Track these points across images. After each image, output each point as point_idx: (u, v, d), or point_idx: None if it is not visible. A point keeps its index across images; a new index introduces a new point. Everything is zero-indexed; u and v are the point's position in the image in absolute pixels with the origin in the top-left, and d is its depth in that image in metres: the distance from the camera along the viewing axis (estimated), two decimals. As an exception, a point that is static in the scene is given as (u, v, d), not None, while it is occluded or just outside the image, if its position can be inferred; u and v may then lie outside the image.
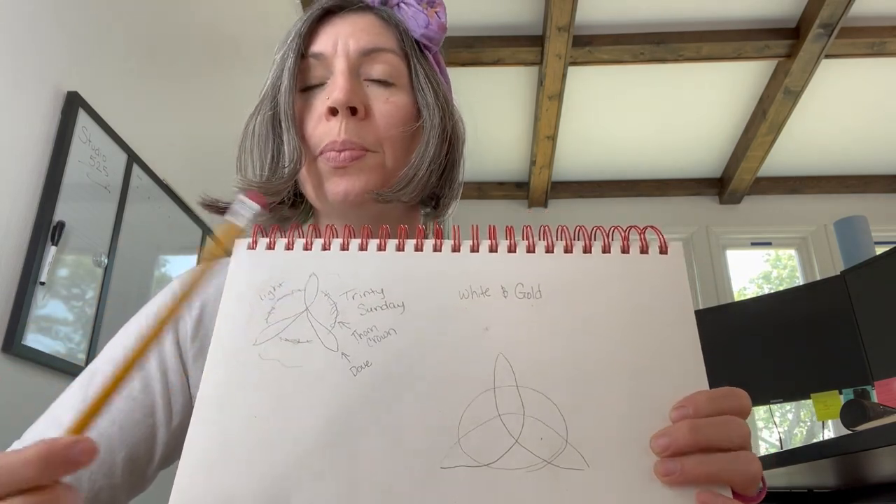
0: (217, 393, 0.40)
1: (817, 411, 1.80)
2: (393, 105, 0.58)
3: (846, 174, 3.80)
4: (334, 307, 0.42)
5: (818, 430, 2.21)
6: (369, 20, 0.61)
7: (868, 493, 1.52)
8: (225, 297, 0.44)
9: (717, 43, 2.97)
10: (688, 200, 3.88)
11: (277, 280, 0.44)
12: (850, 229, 2.10)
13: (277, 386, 0.40)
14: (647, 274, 0.43)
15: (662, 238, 0.44)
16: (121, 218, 1.61)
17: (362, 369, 0.40)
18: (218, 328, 0.42)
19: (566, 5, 2.73)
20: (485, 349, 0.40)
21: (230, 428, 0.39)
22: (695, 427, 0.36)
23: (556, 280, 0.42)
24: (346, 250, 0.44)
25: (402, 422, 0.39)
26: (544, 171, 3.68)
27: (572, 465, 0.37)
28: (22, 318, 1.25)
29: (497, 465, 0.37)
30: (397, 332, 0.41)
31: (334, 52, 0.58)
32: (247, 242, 0.46)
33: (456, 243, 0.44)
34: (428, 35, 0.62)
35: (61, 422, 0.51)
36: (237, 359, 0.41)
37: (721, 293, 3.61)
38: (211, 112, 2.15)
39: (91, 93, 1.49)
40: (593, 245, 0.44)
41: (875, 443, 1.04)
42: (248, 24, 2.46)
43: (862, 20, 2.90)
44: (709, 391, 0.38)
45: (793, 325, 1.90)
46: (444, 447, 0.38)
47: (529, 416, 0.38)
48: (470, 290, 0.42)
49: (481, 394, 0.39)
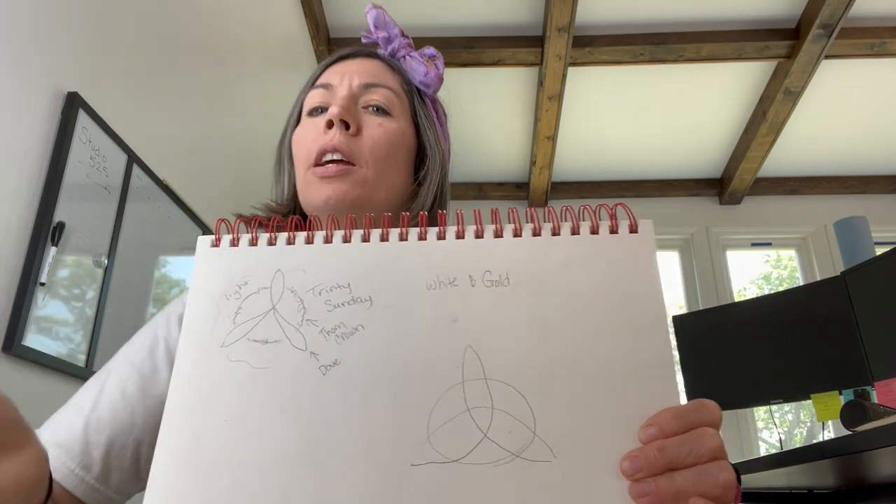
0: (187, 397, 0.40)
1: (817, 412, 1.80)
2: (383, 129, 0.65)
3: (846, 174, 3.80)
4: (301, 304, 0.42)
5: (818, 430, 2.21)
6: (375, 64, 0.70)
7: (868, 494, 1.52)
8: (191, 298, 0.43)
9: (717, 43, 2.98)
10: (688, 200, 3.88)
11: (243, 278, 0.43)
12: (850, 229, 2.10)
13: (247, 388, 0.40)
14: (617, 255, 0.41)
15: (632, 217, 0.42)
16: (121, 218, 1.61)
17: (331, 368, 0.40)
18: (185, 330, 0.42)
19: (566, 6, 2.73)
20: (453, 342, 0.40)
21: (201, 432, 0.39)
22: (663, 448, 0.36)
23: (525, 266, 0.42)
24: (311, 244, 0.44)
25: (372, 421, 0.38)
26: (544, 171, 3.68)
27: (540, 457, 0.37)
28: (22, 319, 1.25)
29: (466, 461, 0.37)
30: (365, 327, 0.41)
31: (340, 84, 0.67)
32: (210, 240, 0.45)
33: (422, 231, 0.43)
34: (426, 83, 0.71)
35: (80, 408, 0.56)
36: (206, 361, 0.41)
37: (721, 294, 3.61)
38: (211, 112, 2.15)
39: (91, 93, 1.49)
40: (562, 227, 0.43)
41: (875, 443, 1.04)
42: (248, 24, 2.46)
43: (862, 20, 2.90)
44: (676, 407, 0.38)
45: (793, 325, 1.90)
46: (413, 444, 0.38)
47: (498, 410, 0.38)
48: (437, 281, 0.42)
49: (450, 388, 0.39)
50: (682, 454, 0.36)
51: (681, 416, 0.37)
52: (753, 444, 3.34)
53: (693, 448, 0.36)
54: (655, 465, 0.36)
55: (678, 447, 0.36)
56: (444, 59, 0.74)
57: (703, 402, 0.38)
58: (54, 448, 0.53)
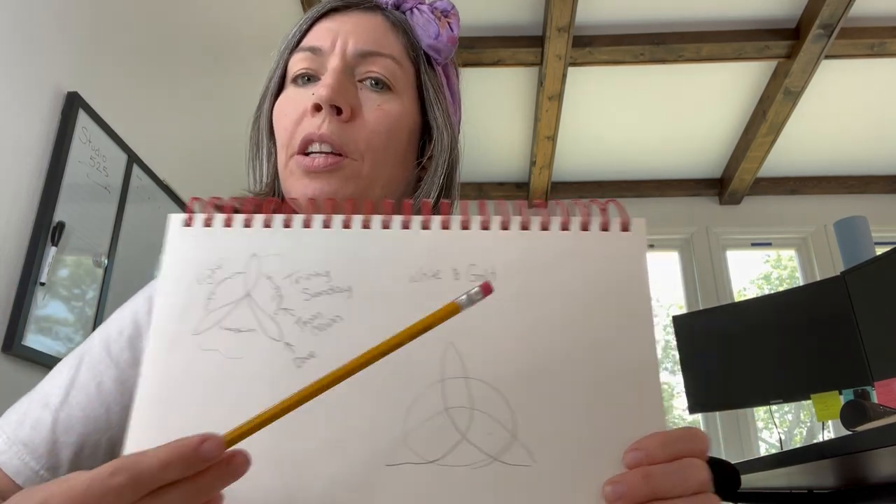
0: (157, 387, 0.38)
1: (817, 412, 1.80)
2: (383, 113, 0.55)
3: (846, 174, 3.80)
4: (277, 292, 0.40)
5: (818, 430, 2.21)
6: (376, 21, 0.58)
7: (868, 494, 1.52)
8: (162, 281, 0.40)
9: (717, 43, 2.97)
10: (688, 200, 3.88)
11: (216, 262, 0.40)
12: (850, 229, 2.10)
13: (218, 379, 0.38)
14: (607, 254, 0.40)
15: (625, 214, 0.41)
16: (121, 218, 1.61)
17: (306, 360, 0.38)
18: (156, 316, 0.40)
19: (566, 6, 2.73)
20: (434, 338, 0.37)
21: (170, 424, 0.37)
22: (648, 476, 0.34)
23: (512, 261, 0.40)
24: (289, 227, 0.41)
25: (346, 418, 0.37)
26: (544, 171, 3.68)
27: (518, 461, 0.36)
28: (22, 319, 1.25)
29: (442, 462, 0.36)
30: (343, 318, 0.39)
31: (331, 49, 0.55)
32: (182, 218, 0.42)
33: (406, 220, 0.41)
34: (436, 47, 0.59)
35: (48, 402, 0.51)
36: (176, 350, 0.39)
37: (721, 294, 3.61)
38: (211, 112, 2.15)
39: (91, 93, 1.49)
40: (552, 222, 0.40)
41: (875, 443, 1.04)
42: (248, 24, 2.46)
43: (862, 20, 2.90)
44: (664, 433, 0.36)
45: (793, 325, 1.90)
46: (389, 444, 0.36)
47: (477, 410, 0.37)
48: (420, 273, 0.39)
49: (429, 386, 0.37)
50: (667, 484, 0.34)
51: (669, 444, 0.35)
52: (753, 444, 3.34)
53: (680, 479, 0.34)
54: (639, 494, 0.34)
55: (664, 477, 0.34)
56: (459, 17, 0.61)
57: (692, 431, 0.37)
58: (18, 446, 0.48)
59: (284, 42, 0.60)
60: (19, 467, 0.48)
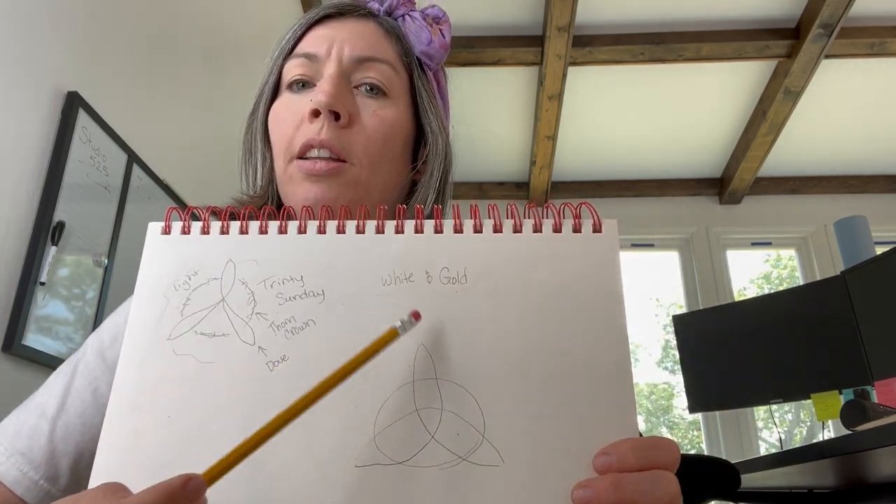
0: (130, 392, 0.38)
1: (817, 411, 1.80)
2: (379, 118, 0.55)
3: (846, 174, 3.80)
4: (251, 297, 0.40)
5: (818, 430, 2.21)
6: (370, 28, 0.59)
7: (868, 494, 1.52)
8: (139, 288, 0.41)
9: (717, 43, 2.97)
10: (688, 200, 3.88)
11: (192, 268, 0.41)
12: (850, 229, 2.10)
13: (192, 383, 0.38)
14: (579, 255, 0.40)
15: (597, 216, 0.41)
16: (121, 218, 1.61)
17: (279, 364, 0.39)
18: (131, 322, 0.40)
19: (566, 5, 2.73)
20: (406, 340, 0.38)
21: (143, 428, 0.38)
22: (618, 484, 0.34)
23: (484, 264, 0.40)
24: (265, 234, 0.42)
25: (317, 419, 0.37)
26: (544, 171, 3.68)
27: (487, 461, 0.36)
28: (22, 318, 1.25)
29: (411, 463, 0.36)
30: (316, 322, 0.39)
31: (327, 56, 0.56)
32: (160, 227, 0.43)
33: (380, 224, 0.41)
34: (428, 53, 0.60)
35: (44, 410, 0.50)
36: (151, 355, 0.39)
37: (721, 293, 3.61)
38: (211, 112, 2.15)
39: (91, 93, 1.49)
40: (524, 224, 0.41)
41: (875, 443, 1.04)
42: (248, 24, 2.46)
43: (862, 20, 2.90)
44: (635, 440, 0.36)
45: (793, 325, 1.90)
46: (358, 445, 0.37)
47: (447, 411, 0.37)
48: (393, 276, 0.40)
49: (400, 387, 0.38)
50: (637, 495, 0.34)
51: (640, 451, 0.35)
52: (753, 444, 3.34)
53: (650, 490, 0.34)
54: (606, 502, 0.34)
55: (634, 487, 0.34)
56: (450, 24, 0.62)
57: (663, 441, 0.36)
58: (16, 457, 0.48)
59: (278, 48, 0.60)
60: (18, 477, 0.48)
